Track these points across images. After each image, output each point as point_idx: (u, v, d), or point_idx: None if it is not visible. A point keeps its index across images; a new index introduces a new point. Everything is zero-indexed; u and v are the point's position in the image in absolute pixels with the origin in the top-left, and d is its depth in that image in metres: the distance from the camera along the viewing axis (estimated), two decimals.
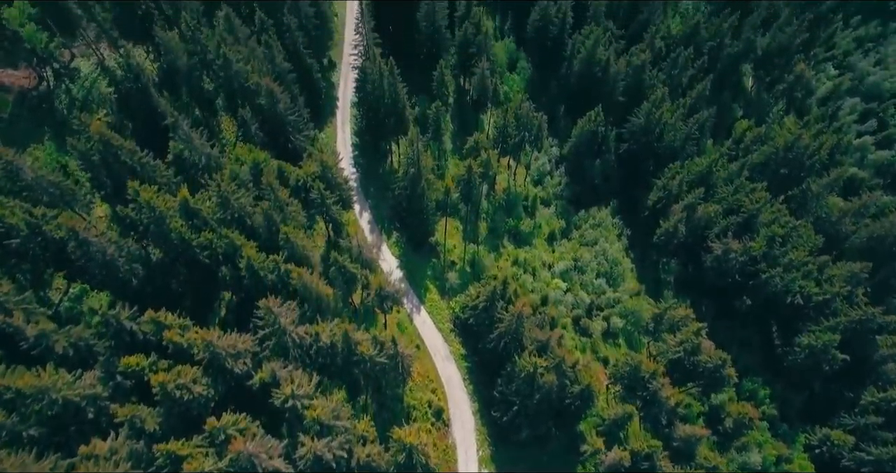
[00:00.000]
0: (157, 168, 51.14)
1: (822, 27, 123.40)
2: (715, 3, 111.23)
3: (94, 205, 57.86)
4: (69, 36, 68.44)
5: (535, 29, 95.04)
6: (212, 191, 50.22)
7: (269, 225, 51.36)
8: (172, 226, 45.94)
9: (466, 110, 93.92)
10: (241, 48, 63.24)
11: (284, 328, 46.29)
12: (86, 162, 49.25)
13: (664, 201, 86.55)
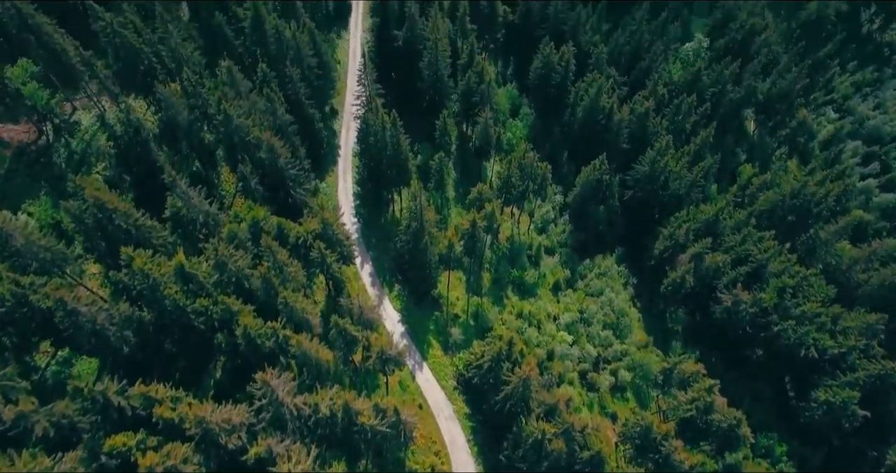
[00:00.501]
0: (153, 229, 49.65)
1: (820, 72, 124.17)
2: (715, 49, 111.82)
3: (87, 266, 56.18)
4: (72, 89, 68.06)
5: (537, 76, 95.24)
6: (209, 253, 48.57)
7: (268, 288, 49.55)
8: (167, 293, 44.13)
9: (469, 157, 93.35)
10: (241, 102, 62.66)
11: (282, 400, 43.98)
12: (79, 224, 47.79)
13: (671, 250, 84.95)
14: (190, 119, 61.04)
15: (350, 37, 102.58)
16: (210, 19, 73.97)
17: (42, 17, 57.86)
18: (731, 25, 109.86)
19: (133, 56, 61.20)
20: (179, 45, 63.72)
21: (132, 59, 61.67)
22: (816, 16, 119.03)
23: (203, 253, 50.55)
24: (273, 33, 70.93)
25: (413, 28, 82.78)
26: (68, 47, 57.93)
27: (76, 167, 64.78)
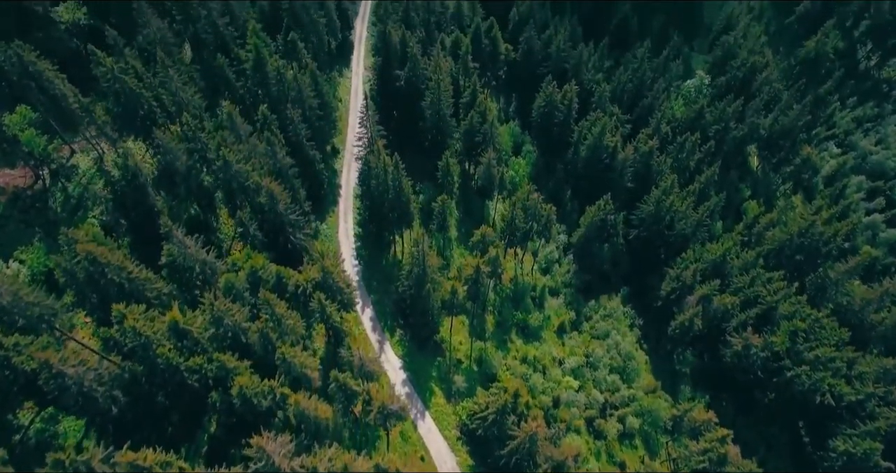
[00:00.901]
0: (147, 281, 48.00)
1: (821, 108, 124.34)
2: (716, 86, 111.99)
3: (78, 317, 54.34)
4: (71, 132, 67.25)
5: (540, 114, 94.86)
6: (205, 307, 46.80)
7: (265, 343, 47.67)
8: (159, 352, 42.24)
9: (472, 196, 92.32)
10: (241, 147, 61.73)
11: (278, 465, 41.66)
12: (70, 278, 46.17)
13: (678, 292, 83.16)
14: (188, 164, 59.98)
15: (352, 74, 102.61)
16: (212, 61, 73.68)
17: (44, 63, 57.33)
18: (731, 63, 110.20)
19: (133, 100, 60.52)
20: (180, 89, 63.16)
21: (132, 104, 60.97)
22: (815, 53, 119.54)
23: (199, 307, 48.75)
24: (274, 75, 70.51)
25: (415, 68, 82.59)
26: (68, 93, 57.31)
27: (72, 211, 63.51)
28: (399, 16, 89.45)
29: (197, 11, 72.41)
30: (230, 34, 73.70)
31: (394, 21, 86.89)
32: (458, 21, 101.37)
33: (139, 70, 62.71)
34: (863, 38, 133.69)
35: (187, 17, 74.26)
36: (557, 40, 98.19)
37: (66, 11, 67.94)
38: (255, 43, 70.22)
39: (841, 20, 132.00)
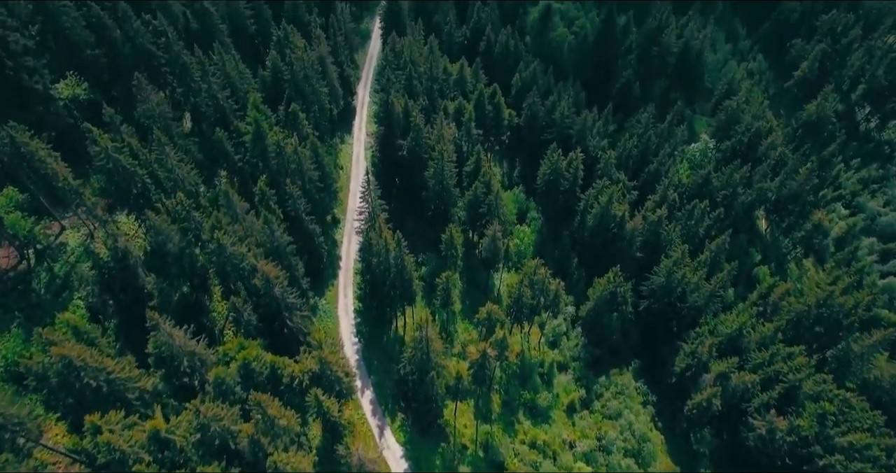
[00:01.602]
0: (128, 381, 44.24)
1: (825, 169, 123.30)
2: (721, 150, 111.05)
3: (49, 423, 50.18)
4: (61, 208, 64.85)
5: (545, 182, 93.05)
6: (191, 412, 42.91)
7: (256, 450, 43.48)
8: (136, 470, 38.06)
9: (476, 267, 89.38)
10: (237, 227, 59.13)
11: None
12: (42, 382, 42.45)
13: (693, 369, 78.99)
14: (181, 246, 57.22)
15: (353, 140, 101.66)
16: (211, 133, 72.26)
17: (37, 143, 55.46)
18: (736, 127, 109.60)
19: (126, 178, 58.40)
20: (176, 166, 61.17)
21: (126, 182, 58.82)
22: (817, 117, 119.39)
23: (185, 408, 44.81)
24: (274, 148, 68.86)
25: (418, 137, 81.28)
26: (60, 173, 55.12)
27: (57, 293, 60.29)
28: (401, 84, 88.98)
29: (198, 84, 71.48)
30: (230, 107, 72.54)
31: (396, 89, 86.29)
32: (461, 87, 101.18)
33: (135, 147, 60.87)
34: (860, 100, 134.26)
35: (188, 89, 73.36)
36: (561, 107, 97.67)
37: (66, 87, 66.94)
38: (254, 117, 68.93)
39: (838, 84, 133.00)
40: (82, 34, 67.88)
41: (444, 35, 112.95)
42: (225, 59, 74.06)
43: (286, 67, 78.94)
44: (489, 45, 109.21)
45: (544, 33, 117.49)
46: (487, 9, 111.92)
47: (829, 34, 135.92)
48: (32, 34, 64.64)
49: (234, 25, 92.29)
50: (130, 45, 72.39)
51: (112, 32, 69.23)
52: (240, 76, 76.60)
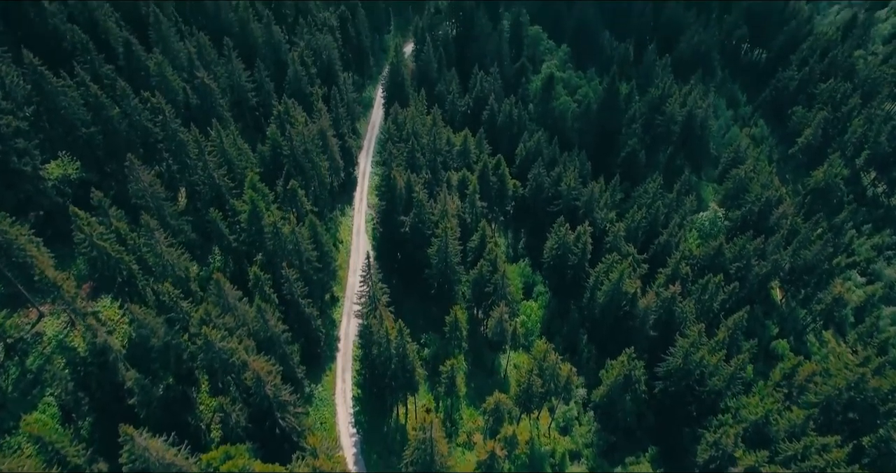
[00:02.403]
0: None
1: (837, 235, 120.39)
2: (732, 220, 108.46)
3: None
4: (40, 295, 61.02)
5: (552, 256, 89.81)
6: None
7: None
8: None
9: (481, 345, 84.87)
10: (227, 319, 55.13)
11: None
12: None
13: (718, 461, 72.99)
14: (166, 340, 53.10)
15: (354, 212, 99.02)
16: (205, 213, 69.39)
17: (18, 229, 52.31)
18: (745, 197, 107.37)
19: (111, 267, 54.94)
20: (165, 252, 57.80)
21: (111, 269, 55.33)
22: (824, 183, 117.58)
23: None
24: (271, 230, 65.72)
25: (421, 213, 78.49)
26: (39, 265, 51.56)
27: (27, 389, 55.47)
28: (404, 157, 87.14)
29: (194, 163, 69.25)
30: (226, 185, 69.93)
31: (398, 164, 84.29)
32: (465, 157, 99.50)
33: (123, 231, 57.78)
34: (865, 166, 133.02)
35: (184, 166, 71.11)
36: (567, 178, 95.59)
37: (56, 167, 64.50)
38: (251, 196, 66.28)
39: (842, 150, 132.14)
40: (79, 113, 66.13)
41: (446, 103, 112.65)
42: (223, 136, 72.18)
43: (286, 142, 77.07)
44: (492, 114, 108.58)
45: (547, 102, 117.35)
46: (490, 78, 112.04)
47: (829, 102, 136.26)
48: (27, 115, 62.77)
49: (236, 98, 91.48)
50: (127, 122, 70.62)
51: (109, 111, 67.49)
52: (237, 153, 74.51)
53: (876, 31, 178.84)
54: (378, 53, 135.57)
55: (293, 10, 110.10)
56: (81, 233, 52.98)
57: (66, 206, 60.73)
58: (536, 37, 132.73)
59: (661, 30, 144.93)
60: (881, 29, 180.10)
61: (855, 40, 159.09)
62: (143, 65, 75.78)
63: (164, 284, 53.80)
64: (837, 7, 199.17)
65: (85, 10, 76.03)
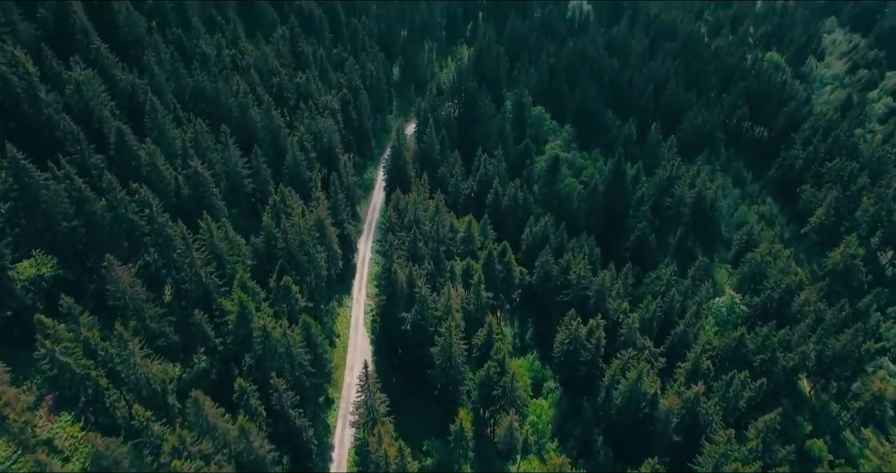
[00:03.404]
0: None
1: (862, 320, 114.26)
2: (751, 306, 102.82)
3: None
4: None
5: (563, 351, 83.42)
6: None
7: None
8: None
9: (488, 450, 76.95)
10: (204, 444, 48.50)
11: None
12: None
13: None
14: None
15: (353, 302, 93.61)
16: (191, 310, 64.05)
17: None
18: (764, 283, 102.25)
19: (75, 384, 48.98)
20: (139, 364, 51.92)
21: (74, 387, 49.31)
22: (843, 265, 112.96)
23: None
24: (260, 333, 60.12)
25: (423, 311, 73.10)
26: None
27: None
28: (405, 248, 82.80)
29: (181, 259, 64.61)
30: (213, 284, 65.00)
31: (399, 256, 79.82)
32: (469, 244, 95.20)
33: (93, 341, 52.18)
34: (882, 246, 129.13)
35: (169, 262, 66.39)
36: (577, 267, 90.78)
37: (29, 266, 59.70)
38: (239, 297, 61.14)
39: (856, 230, 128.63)
40: (60, 207, 62.20)
41: (449, 186, 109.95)
42: (213, 229, 68.03)
43: (280, 235, 72.85)
44: (496, 197, 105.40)
45: (552, 183, 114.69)
46: (494, 161, 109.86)
47: (838, 181, 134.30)
48: (1, 212, 58.83)
49: (232, 184, 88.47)
50: (113, 214, 66.64)
51: (93, 205, 63.62)
52: (228, 247, 70.11)
53: (871, 111, 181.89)
54: (380, 133, 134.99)
55: (294, 93, 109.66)
56: (42, 348, 47.31)
57: (36, 307, 55.69)
58: (539, 117, 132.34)
59: (662, 109, 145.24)
60: (875, 108, 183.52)
61: (853, 120, 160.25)
62: (135, 154, 72.73)
63: (135, 406, 47.60)
64: (830, 88, 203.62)
65: (81, 101, 73.79)
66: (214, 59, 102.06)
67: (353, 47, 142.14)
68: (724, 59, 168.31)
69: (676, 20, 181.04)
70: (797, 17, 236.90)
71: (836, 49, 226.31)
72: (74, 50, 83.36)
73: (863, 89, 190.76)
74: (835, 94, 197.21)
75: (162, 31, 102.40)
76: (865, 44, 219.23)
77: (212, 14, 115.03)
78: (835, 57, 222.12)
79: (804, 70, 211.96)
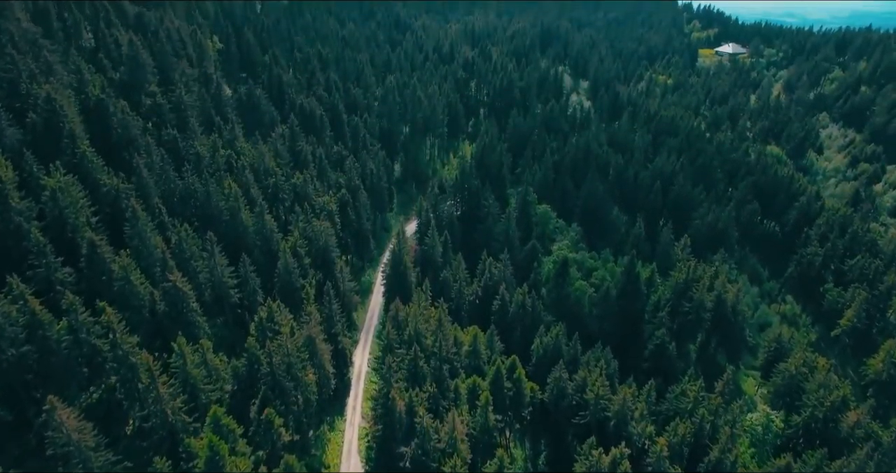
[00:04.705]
0: None
1: None
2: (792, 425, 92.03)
3: None
4: None
5: None
6: None
7: None
8: None
9: None
10: None
11: None
12: None
13: None
14: None
15: (346, 424, 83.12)
16: (153, 454, 54.39)
17: None
18: (804, 400, 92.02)
19: None
20: None
21: None
22: (886, 375, 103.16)
23: None
24: None
25: (425, 445, 63.29)
26: None
27: None
28: (405, 365, 74.11)
29: (145, 392, 55.87)
30: (181, 422, 55.90)
31: (397, 379, 70.98)
32: (475, 358, 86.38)
33: None
34: None
35: (131, 394, 57.52)
36: (594, 385, 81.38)
37: None
38: (210, 440, 51.84)
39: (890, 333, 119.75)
40: (9, 332, 54.50)
41: (452, 292, 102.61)
42: (188, 354, 59.90)
43: (265, 358, 64.50)
44: (503, 304, 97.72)
45: (562, 287, 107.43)
46: (500, 265, 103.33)
47: (863, 279, 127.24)
48: None
49: (216, 294, 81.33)
50: (73, 338, 58.77)
51: (48, 330, 55.94)
52: (204, 376, 61.55)
53: (880, 204, 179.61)
54: (380, 233, 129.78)
55: (291, 194, 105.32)
56: None
57: None
58: (545, 215, 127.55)
59: (671, 205, 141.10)
60: (884, 201, 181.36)
61: (865, 214, 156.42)
62: (107, 268, 66.02)
63: None
64: (833, 180, 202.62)
65: (55, 208, 68.34)
66: (209, 160, 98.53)
67: (353, 145, 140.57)
68: (727, 153, 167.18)
69: (676, 116, 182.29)
70: (791, 113, 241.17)
71: (833, 143, 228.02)
72: (61, 154, 79.69)
73: (868, 183, 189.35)
74: (840, 187, 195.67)
75: (158, 132, 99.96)
76: (862, 139, 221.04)
77: (210, 115, 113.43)
78: (833, 151, 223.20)
79: (804, 163, 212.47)
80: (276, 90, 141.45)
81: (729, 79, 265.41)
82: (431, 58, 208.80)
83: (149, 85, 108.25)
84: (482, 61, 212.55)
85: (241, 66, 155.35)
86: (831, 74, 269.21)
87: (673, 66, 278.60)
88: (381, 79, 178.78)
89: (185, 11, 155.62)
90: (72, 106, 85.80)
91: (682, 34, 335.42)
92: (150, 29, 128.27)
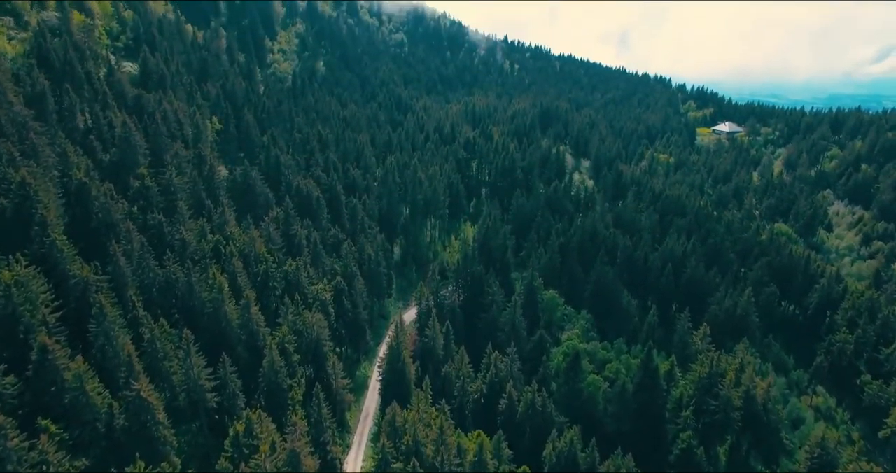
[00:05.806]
0: None
1: None
2: None
3: None
4: None
5: None
6: None
7: None
8: None
9: None
10: None
11: None
12: None
13: None
14: None
15: None
16: None
17: None
18: None
19: None
20: None
21: None
22: None
23: None
24: None
25: None
26: None
27: None
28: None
29: None
30: None
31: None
32: (481, 468, 75.93)
33: None
34: None
35: None
36: None
37: None
38: None
39: None
40: None
41: (455, 389, 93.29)
42: None
43: None
44: (511, 405, 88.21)
45: (573, 382, 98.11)
46: (507, 359, 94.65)
47: None
48: None
49: (191, 398, 72.67)
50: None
51: None
52: None
53: None
54: (377, 321, 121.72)
55: (282, 282, 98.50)
56: None
57: None
58: (553, 302, 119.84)
59: (684, 289, 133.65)
60: None
61: (891, 296, 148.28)
62: (59, 376, 57.96)
63: None
64: (849, 259, 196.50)
65: (8, 306, 61.17)
66: (194, 246, 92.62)
67: (351, 227, 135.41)
68: (738, 233, 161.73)
69: (682, 195, 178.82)
70: (796, 190, 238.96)
71: (842, 220, 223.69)
72: (29, 243, 73.84)
73: (886, 262, 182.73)
74: (856, 266, 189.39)
75: (143, 216, 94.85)
76: (871, 216, 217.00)
77: (201, 197, 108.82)
78: (843, 228, 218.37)
79: (815, 241, 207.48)
80: (274, 171, 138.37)
81: (730, 157, 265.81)
82: (433, 138, 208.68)
83: (138, 167, 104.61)
84: (483, 141, 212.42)
85: (239, 146, 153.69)
86: (829, 152, 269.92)
87: (673, 144, 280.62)
88: (381, 159, 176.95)
89: (186, 93, 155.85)
90: (49, 191, 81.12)
91: (678, 114, 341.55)
92: (148, 110, 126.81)
